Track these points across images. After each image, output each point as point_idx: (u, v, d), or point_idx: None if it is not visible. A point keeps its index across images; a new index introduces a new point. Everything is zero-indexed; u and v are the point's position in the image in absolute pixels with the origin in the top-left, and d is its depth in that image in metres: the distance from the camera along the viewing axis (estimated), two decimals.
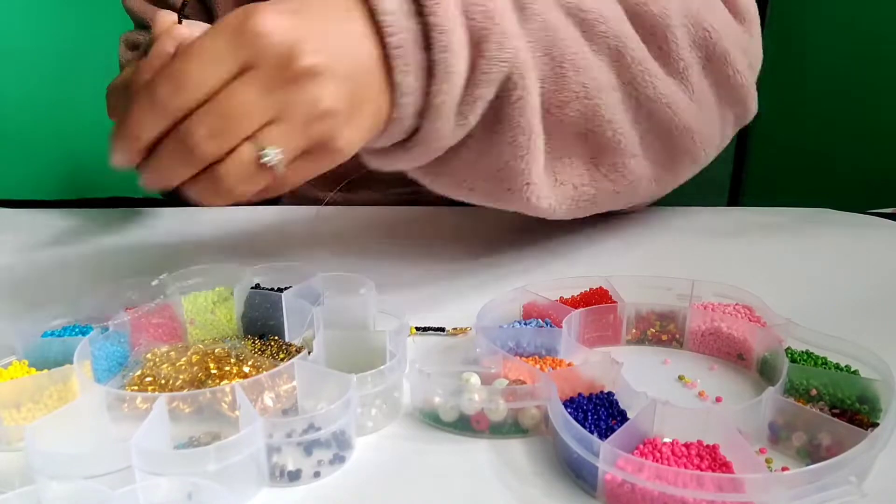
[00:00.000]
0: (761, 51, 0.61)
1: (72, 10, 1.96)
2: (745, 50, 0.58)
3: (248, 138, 0.36)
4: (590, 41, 0.51)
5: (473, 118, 0.46)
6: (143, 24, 0.85)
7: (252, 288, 0.48)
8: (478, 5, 0.43)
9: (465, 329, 0.48)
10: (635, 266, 0.61)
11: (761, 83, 0.61)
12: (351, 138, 0.40)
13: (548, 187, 0.52)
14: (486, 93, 0.45)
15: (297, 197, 0.82)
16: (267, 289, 0.48)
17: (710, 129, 0.58)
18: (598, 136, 0.53)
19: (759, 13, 0.62)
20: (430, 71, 0.42)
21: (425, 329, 0.49)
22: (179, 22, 0.43)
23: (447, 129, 0.45)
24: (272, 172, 0.37)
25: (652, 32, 0.54)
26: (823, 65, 1.64)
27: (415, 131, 0.45)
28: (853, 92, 1.58)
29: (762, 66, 0.63)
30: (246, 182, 0.37)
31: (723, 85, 0.58)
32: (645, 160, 0.56)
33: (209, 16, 0.80)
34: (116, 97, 0.46)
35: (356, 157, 0.55)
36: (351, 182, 0.75)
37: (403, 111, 0.42)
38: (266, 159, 0.36)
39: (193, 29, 0.42)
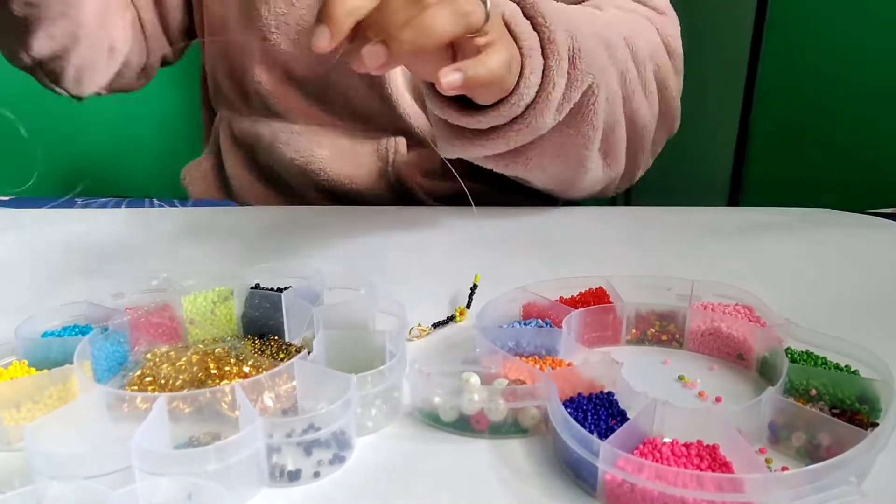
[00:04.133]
0: (679, 35, 0.79)
1: None
2: (678, 71, 0.77)
3: None
4: (613, 65, 0.66)
5: (562, 115, 0.60)
6: None
7: (252, 288, 0.48)
8: (571, 32, 0.57)
9: (463, 311, 0.50)
10: (635, 266, 0.61)
11: (762, 83, 0.63)
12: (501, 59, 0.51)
13: (596, 169, 0.70)
14: (576, 96, 0.59)
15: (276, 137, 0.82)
16: (267, 289, 0.48)
17: (657, 137, 0.78)
18: (610, 136, 0.69)
19: (760, 14, 0.67)
20: (545, 73, 0.55)
21: (436, 325, 0.49)
22: None
23: (550, 119, 0.58)
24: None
25: (637, 65, 0.70)
26: (823, 65, 1.64)
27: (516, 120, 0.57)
28: (853, 92, 1.58)
29: (762, 66, 0.65)
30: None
31: (666, 109, 0.76)
32: (623, 156, 0.73)
33: None
34: None
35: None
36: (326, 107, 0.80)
37: (524, 91, 0.54)
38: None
39: None
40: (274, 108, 0.82)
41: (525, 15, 0.55)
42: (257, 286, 0.49)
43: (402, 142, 0.79)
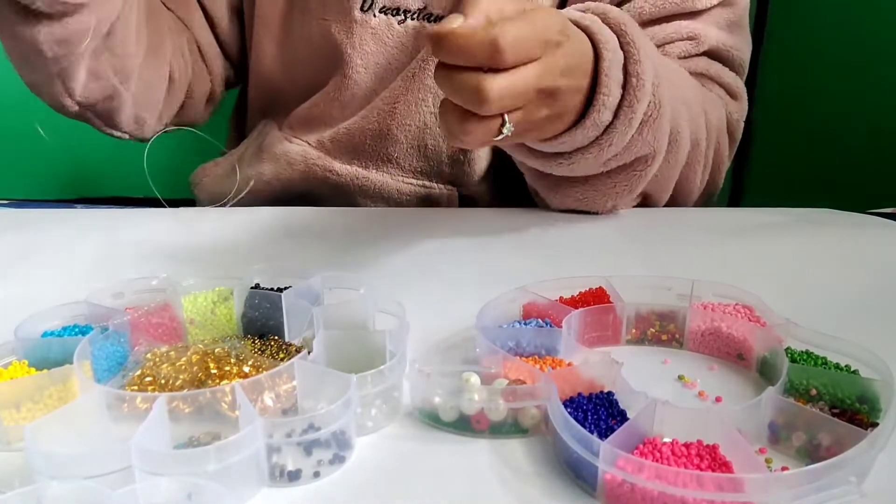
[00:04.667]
0: (743, 122, 0.81)
1: None
2: (731, 154, 0.81)
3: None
4: (689, 134, 0.67)
5: (606, 168, 0.63)
6: None
7: (252, 288, 0.48)
8: (656, 99, 0.57)
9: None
10: (635, 266, 0.61)
11: (763, 83, 0.63)
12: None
13: (618, 207, 0.73)
14: (628, 158, 0.62)
15: (311, 166, 0.81)
16: (267, 289, 0.48)
17: (696, 203, 0.80)
18: (651, 194, 0.73)
19: (760, 14, 0.69)
20: (607, 128, 0.56)
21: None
22: None
23: (593, 169, 0.62)
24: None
25: (707, 138, 0.72)
26: (823, 65, 1.64)
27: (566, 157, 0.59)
28: (853, 92, 1.58)
29: (763, 66, 0.66)
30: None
31: (711, 183, 0.79)
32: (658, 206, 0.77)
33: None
34: None
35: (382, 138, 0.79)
36: (370, 158, 0.80)
37: (577, 136, 0.55)
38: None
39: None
40: (318, 140, 0.80)
41: (625, 69, 0.55)
42: (257, 286, 0.49)
43: (454, 195, 0.80)
